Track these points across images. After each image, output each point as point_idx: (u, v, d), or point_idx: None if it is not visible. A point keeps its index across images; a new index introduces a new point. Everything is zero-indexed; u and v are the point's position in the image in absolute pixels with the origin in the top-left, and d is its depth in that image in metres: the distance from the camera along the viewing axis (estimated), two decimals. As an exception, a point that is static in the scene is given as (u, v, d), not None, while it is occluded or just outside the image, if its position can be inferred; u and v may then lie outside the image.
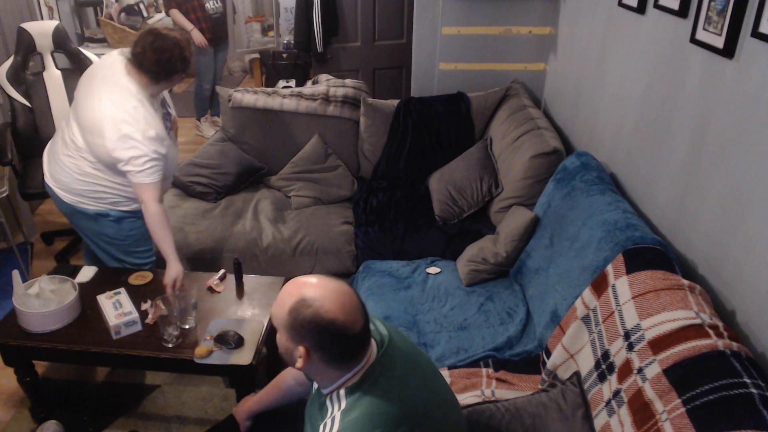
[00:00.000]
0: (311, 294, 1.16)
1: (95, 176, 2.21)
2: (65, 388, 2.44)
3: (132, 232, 2.37)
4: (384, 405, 1.17)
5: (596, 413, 1.56)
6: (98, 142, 2.11)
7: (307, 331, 1.15)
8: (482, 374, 1.91)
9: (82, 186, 2.23)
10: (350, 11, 4.08)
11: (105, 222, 2.30)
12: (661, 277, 1.62)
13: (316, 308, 1.14)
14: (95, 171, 2.20)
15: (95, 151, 2.15)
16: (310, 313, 1.14)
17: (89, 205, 2.27)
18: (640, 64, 2.16)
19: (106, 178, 2.22)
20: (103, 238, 2.36)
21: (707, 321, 1.46)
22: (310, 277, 1.21)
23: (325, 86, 3.26)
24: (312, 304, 1.14)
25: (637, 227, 1.86)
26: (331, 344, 1.16)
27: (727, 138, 1.63)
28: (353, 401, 1.19)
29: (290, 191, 3.09)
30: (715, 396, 1.28)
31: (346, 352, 1.18)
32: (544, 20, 3.26)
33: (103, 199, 2.26)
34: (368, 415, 1.16)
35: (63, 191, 2.27)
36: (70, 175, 2.23)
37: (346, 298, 1.16)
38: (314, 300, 1.15)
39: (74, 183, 2.23)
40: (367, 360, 1.22)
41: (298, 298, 1.16)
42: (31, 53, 3.21)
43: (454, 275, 2.42)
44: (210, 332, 2.03)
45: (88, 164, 2.19)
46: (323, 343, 1.16)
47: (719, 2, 1.63)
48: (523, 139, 2.71)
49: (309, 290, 1.17)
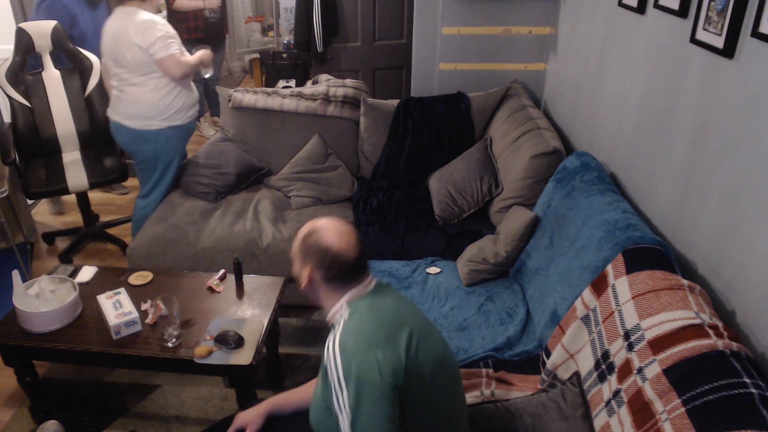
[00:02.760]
0: (318, 225, 1.45)
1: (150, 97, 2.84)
2: (65, 388, 2.44)
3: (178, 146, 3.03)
4: (381, 303, 1.40)
5: (596, 413, 1.56)
6: (138, 52, 2.74)
7: (311, 254, 1.41)
8: (482, 374, 1.91)
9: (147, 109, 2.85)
10: (350, 11, 4.08)
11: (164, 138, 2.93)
12: (661, 277, 1.62)
13: (319, 236, 1.42)
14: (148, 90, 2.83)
15: (139, 63, 2.77)
16: (314, 240, 1.42)
17: (153, 126, 2.89)
18: (640, 64, 2.16)
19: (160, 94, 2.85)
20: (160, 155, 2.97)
21: (707, 321, 1.46)
22: (321, 218, 1.50)
23: (325, 86, 3.26)
24: (316, 233, 1.43)
25: (637, 227, 1.86)
26: (330, 266, 1.40)
27: (727, 138, 1.63)
28: (353, 311, 1.38)
29: (290, 191, 3.09)
30: (715, 396, 1.27)
31: (342, 274, 1.41)
32: (544, 20, 3.26)
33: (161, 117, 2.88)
34: (367, 312, 1.37)
35: (132, 120, 2.88)
36: (137, 104, 2.84)
37: (344, 232, 1.43)
38: (320, 229, 1.43)
39: (142, 110, 2.85)
40: (366, 286, 1.44)
41: (309, 230, 1.45)
42: (30, 53, 3.21)
43: (454, 275, 2.43)
44: (210, 332, 2.03)
45: (142, 89, 2.82)
46: (323, 264, 1.40)
47: (719, 2, 1.63)
48: (523, 139, 2.71)
49: (318, 223, 1.46)
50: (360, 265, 1.43)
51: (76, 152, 3.33)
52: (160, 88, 2.84)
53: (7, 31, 4.02)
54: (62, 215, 3.87)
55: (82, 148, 3.36)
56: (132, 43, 2.73)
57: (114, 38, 2.78)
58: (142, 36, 2.71)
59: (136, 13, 2.76)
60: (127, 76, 2.82)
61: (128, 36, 2.73)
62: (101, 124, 3.36)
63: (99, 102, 3.35)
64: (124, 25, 2.74)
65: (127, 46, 2.74)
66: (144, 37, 2.71)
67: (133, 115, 2.86)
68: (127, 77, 2.82)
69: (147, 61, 2.76)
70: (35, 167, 3.18)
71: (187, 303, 2.19)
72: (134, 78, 2.81)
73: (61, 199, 3.93)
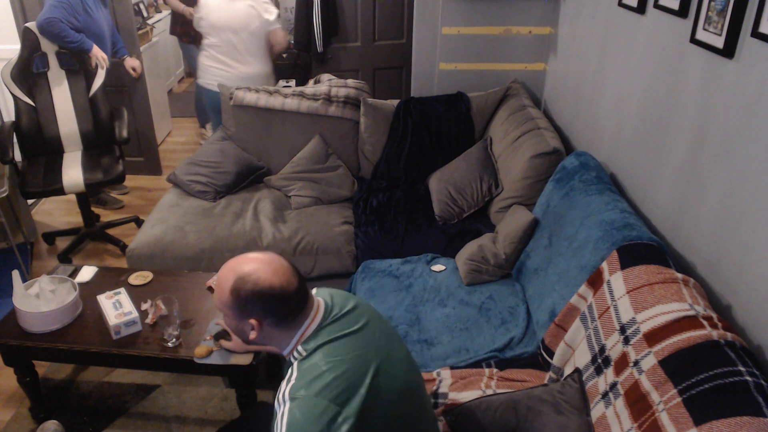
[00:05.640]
0: (245, 270, 1.26)
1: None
2: (65, 388, 2.44)
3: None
4: (339, 347, 1.27)
5: (593, 406, 1.57)
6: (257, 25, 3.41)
7: (252, 304, 1.25)
8: (484, 374, 1.92)
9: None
10: (350, 11, 4.08)
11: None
12: (655, 271, 1.64)
13: (253, 281, 1.24)
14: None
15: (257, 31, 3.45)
16: (249, 288, 1.24)
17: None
18: (640, 64, 2.16)
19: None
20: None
21: (701, 312, 1.47)
22: (238, 257, 1.30)
23: (327, 86, 3.26)
24: (249, 278, 1.24)
25: (634, 227, 1.86)
26: (277, 307, 1.26)
27: (727, 138, 1.63)
28: (309, 350, 1.27)
29: (290, 191, 3.09)
30: (711, 385, 1.29)
31: (291, 311, 1.27)
32: (544, 20, 3.26)
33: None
34: (322, 356, 1.24)
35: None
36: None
37: (276, 264, 1.27)
38: (249, 274, 1.25)
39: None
40: (315, 314, 1.31)
41: (236, 278, 1.26)
42: (36, 53, 3.21)
43: (455, 274, 2.42)
44: (210, 332, 2.03)
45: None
46: (269, 308, 1.25)
47: (719, 2, 1.63)
48: (523, 139, 2.71)
49: (242, 267, 1.26)
50: (304, 291, 1.29)
51: (78, 152, 3.33)
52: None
53: (7, 31, 4.04)
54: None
55: (84, 148, 3.37)
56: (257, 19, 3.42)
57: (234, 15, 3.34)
58: (265, 12, 3.42)
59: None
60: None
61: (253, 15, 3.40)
62: (104, 124, 3.37)
63: (103, 102, 3.35)
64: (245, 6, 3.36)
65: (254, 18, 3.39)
66: (267, 12, 3.44)
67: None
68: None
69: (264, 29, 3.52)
70: (35, 167, 3.18)
71: (187, 303, 2.19)
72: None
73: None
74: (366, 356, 1.28)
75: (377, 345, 1.33)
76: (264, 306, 1.25)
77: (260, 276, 1.24)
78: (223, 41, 3.44)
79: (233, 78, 3.48)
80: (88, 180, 3.14)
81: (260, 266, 1.26)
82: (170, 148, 4.92)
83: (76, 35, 3.17)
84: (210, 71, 3.54)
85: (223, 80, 3.45)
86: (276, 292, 1.24)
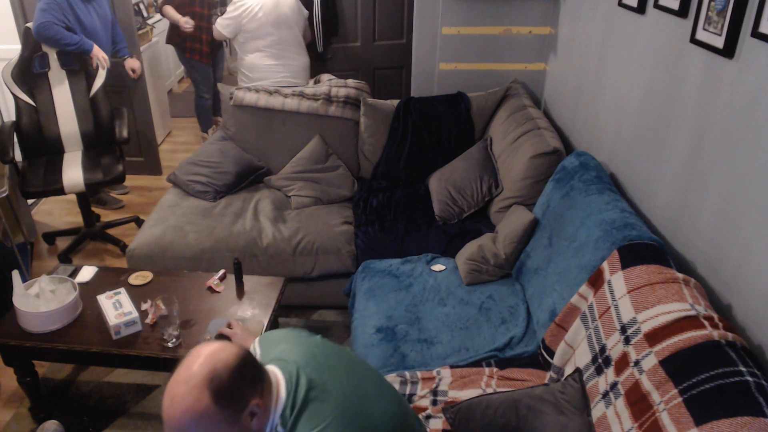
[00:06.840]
0: (205, 369, 1.09)
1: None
2: (65, 388, 2.44)
3: None
4: (317, 410, 1.19)
5: (593, 405, 1.58)
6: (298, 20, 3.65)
7: (241, 382, 1.11)
8: (484, 373, 1.92)
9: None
10: (350, 11, 4.08)
11: None
12: (656, 271, 1.64)
13: (223, 362, 1.10)
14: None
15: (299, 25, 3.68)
16: (227, 370, 1.10)
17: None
18: (640, 64, 2.16)
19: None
20: None
21: (702, 312, 1.47)
22: (172, 380, 1.10)
23: (327, 86, 3.26)
24: (218, 365, 1.10)
25: (634, 226, 1.86)
26: (255, 376, 1.15)
27: (727, 138, 1.63)
28: (290, 423, 1.19)
29: (290, 191, 3.09)
30: (711, 385, 1.29)
31: (258, 372, 1.16)
32: (544, 20, 3.26)
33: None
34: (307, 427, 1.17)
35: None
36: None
37: (218, 351, 1.13)
38: (214, 365, 1.10)
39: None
40: (276, 381, 1.22)
41: (208, 379, 1.08)
42: (37, 53, 3.21)
43: (455, 274, 2.42)
44: (210, 332, 2.03)
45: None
46: (256, 377, 1.15)
47: (719, 2, 1.63)
48: (523, 139, 2.71)
49: (200, 372, 1.09)
50: (251, 366, 1.16)
51: (78, 152, 3.33)
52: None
53: (7, 31, 4.04)
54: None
55: (84, 148, 3.37)
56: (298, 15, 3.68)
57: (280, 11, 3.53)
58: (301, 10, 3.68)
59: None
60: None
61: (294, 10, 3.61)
62: (105, 124, 3.37)
63: (103, 103, 3.35)
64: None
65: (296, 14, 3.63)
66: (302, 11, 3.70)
67: None
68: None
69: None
70: (36, 167, 3.18)
71: (187, 303, 2.19)
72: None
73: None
74: (344, 404, 1.21)
75: (348, 395, 1.26)
76: (252, 376, 1.13)
77: (226, 363, 1.09)
78: (276, 39, 3.58)
79: (294, 71, 3.69)
80: (88, 180, 3.14)
81: (220, 358, 1.10)
82: (170, 148, 4.92)
83: (74, 37, 3.17)
84: (273, 69, 3.65)
85: (287, 75, 3.65)
86: (242, 362, 1.12)
